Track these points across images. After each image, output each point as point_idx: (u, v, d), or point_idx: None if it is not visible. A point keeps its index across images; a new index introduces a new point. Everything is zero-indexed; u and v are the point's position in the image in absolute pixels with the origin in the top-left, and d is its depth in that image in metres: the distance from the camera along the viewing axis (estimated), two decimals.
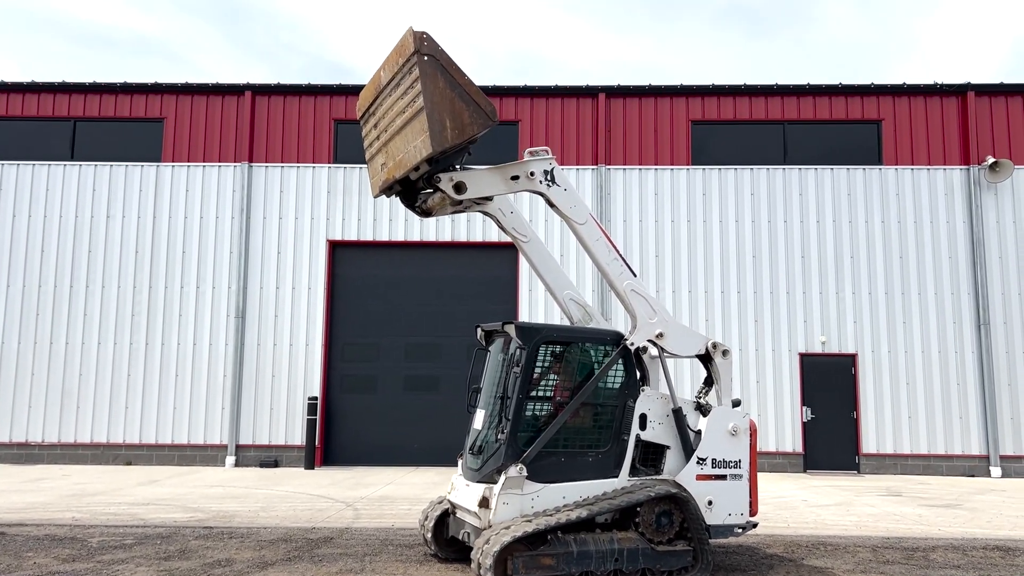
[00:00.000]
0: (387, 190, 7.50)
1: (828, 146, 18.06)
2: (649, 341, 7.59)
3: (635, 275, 7.71)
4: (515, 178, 7.34)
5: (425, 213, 7.64)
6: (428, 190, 7.44)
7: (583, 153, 17.99)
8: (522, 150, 18.02)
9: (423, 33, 6.67)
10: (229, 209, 17.83)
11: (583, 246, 7.66)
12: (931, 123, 17.93)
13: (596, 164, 17.87)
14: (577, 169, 17.88)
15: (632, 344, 7.46)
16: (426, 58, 6.61)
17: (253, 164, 17.94)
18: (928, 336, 17.19)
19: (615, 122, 18.07)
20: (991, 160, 17.28)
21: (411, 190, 7.52)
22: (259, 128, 18.10)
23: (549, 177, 7.44)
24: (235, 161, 17.96)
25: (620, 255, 7.70)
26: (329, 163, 17.98)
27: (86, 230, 17.76)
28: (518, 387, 7.02)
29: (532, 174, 7.35)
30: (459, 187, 7.08)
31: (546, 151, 7.52)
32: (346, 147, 18.12)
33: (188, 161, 18.01)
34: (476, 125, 6.71)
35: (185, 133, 18.12)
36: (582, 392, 7.16)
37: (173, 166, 17.99)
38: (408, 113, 6.81)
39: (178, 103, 18.22)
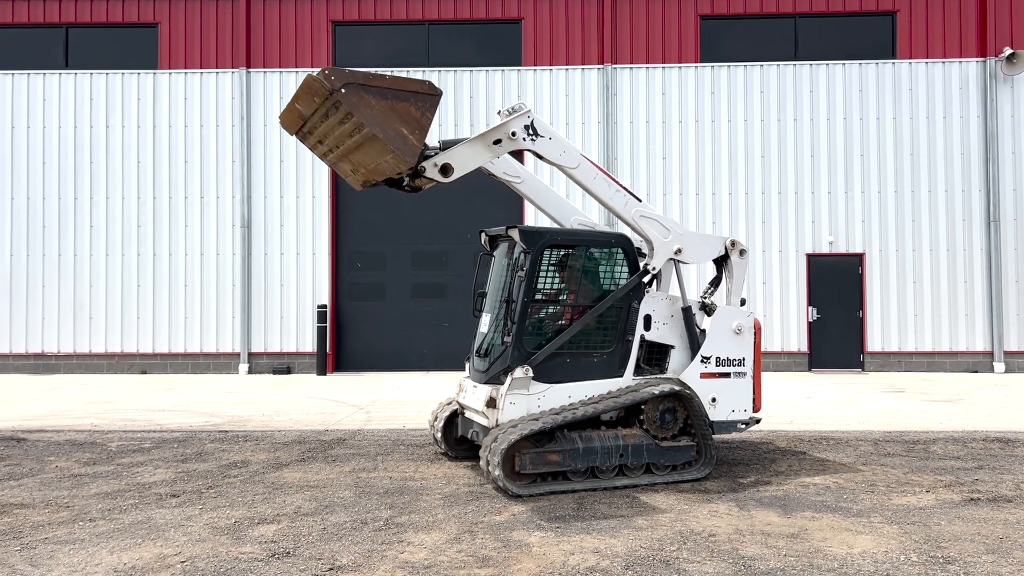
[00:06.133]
0: (370, 186, 7.26)
1: (841, 40, 17.52)
2: (669, 259, 7.63)
3: (639, 200, 7.62)
4: (497, 142, 7.11)
5: (414, 190, 7.38)
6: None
7: (588, 52, 17.51)
8: (525, 50, 17.56)
9: (326, 73, 6.14)
10: (229, 117, 17.57)
11: (582, 188, 7.47)
12: (948, 13, 17.32)
13: (602, 63, 17.41)
14: (582, 69, 17.45)
15: (654, 268, 7.53)
16: (343, 90, 6.11)
17: (251, 70, 17.56)
18: (937, 234, 17.08)
19: (621, 18, 17.51)
20: (1008, 51, 16.76)
21: (395, 180, 7.27)
22: (255, 32, 17.63)
23: (531, 132, 7.17)
24: (233, 67, 17.58)
25: (620, 185, 7.59)
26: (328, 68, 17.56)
27: (86, 140, 17.57)
28: (523, 291, 7.05)
29: (513, 134, 7.04)
30: (445, 170, 6.84)
31: (522, 105, 7.28)
32: (345, 51, 17.69)
33: (185, 68, 17.64)
34: (427, 111, 6.42)
35: (180, 38, 17.68)
36: (602, 304, 7.21)
37: (170, 73, 17.64)
38: (357, 137, 6.40)
39: (171, 6, 17.70)
